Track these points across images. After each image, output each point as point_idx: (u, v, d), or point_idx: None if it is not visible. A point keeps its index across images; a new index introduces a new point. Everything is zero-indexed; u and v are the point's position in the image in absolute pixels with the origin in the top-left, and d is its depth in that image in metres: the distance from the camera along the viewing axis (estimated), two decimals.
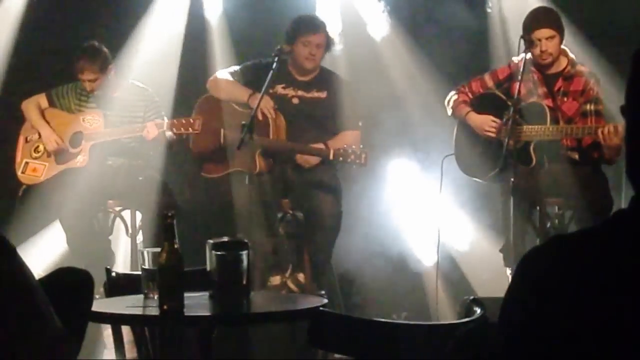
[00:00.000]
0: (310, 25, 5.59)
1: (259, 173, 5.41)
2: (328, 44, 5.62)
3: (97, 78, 5.73)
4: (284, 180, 5.50)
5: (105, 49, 5.78)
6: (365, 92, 6.00)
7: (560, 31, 5.32)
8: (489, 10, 6.54)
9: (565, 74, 5.41)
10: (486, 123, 5.42)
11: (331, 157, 5.39)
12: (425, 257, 6.09)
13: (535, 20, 5.32)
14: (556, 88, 5.40)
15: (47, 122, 5.84)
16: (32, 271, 2.32)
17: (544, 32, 5.27)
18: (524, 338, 1.37)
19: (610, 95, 5.46)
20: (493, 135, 5.35)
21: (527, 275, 1.40)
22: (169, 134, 5.70)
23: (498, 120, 5.35)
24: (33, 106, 5.89)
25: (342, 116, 5.60)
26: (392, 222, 6.13)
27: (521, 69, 5.12)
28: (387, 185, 5.78)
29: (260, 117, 5.38)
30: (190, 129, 5.56)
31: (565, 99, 5.38)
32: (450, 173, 5.67)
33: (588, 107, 5.36)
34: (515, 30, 5.41)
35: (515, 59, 5.43)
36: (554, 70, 5.42)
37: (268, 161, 5.48)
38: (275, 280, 5.41)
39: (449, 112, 5.62)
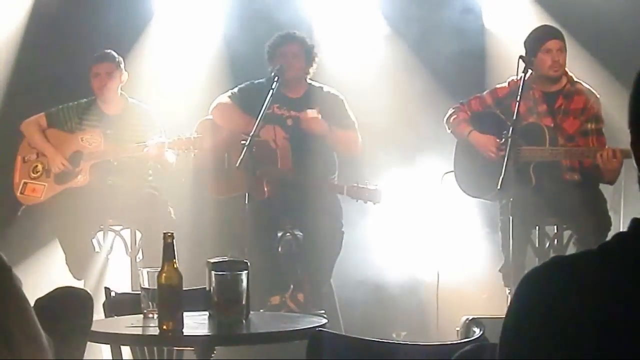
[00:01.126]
0: (283, 37, 5.64)
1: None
2: (308, 55, 5.63)
3: (111, 72, 5.75)
4: (285, 200, 5.50)
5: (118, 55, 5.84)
6: (364, 109, 6.01)
7: (566, 47, 5.37)
8: (487, 29, 6.57)
9: (566, 92, 5.42)
10: (490, 144, 5.40)
11: (344, 193, 5.42)
12: (425, 277, 6.07)
13: (546, 32, 5.39)
14: (557, 106, 5.41)
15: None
16: (32, 291, 2.33)
17: (555, 43, 5.32)
18: (523, 358, 1.37)
19: (613, 113, 5.47)
20: (495, 157, 5.33)
21: (527, 297, 1.41)
22: (169, 153, 5.72)
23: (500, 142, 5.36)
24: (34, 127, 5.89)
25: (337, 123, 5.60)
26: (392, 241, 6.12)
27: (521, 87, 5.12)
28: (388, 205, 5.77)
29: (272, 145, 5.43)
30: (191, 147, 5.58)
31: (566, 117, 5.39)
32: (450, 191, 5.68)
33: (589, 125, 5.36)
34: (515, 50, 5.42)
35: (514, 78, 5.43)
36: (554, 88, 5.43)
37: (275, 186, 5.48)
38: (275, 300, 5.40)
39: (448, 129, 5.62)
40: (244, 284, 3.24)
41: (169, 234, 3.15)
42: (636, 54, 5.71)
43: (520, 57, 5.21)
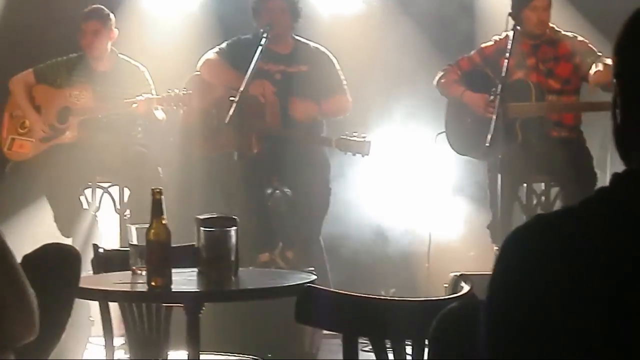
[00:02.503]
0: None
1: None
2: (293, 10, 5.60)
3: (98, 30, 5.71)
4: (273, 157, 5.49)
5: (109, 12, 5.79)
6: (354, 69, 5.97)
7: (551, 3, 5.38)
8: None
9: (548, 40, 5.42)
10: (485, 103, 5.36)
11: (333, 145, 5.40)
12: (414, 234, 6.10)
13: None
14: (543, 53, 5.42)
15: (34, 104, 5.81)
16: (19, 248, 2.32)
17: (542, 1, 5.32)
18: (509, 317, 1.38)
19: None
20: (491, 115, 5.17)
21: (511, 255, 1.41)
22: (159, 110, 5.69)
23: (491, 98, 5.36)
24: (21, 86, 5.84)
25: (327, 86, 5.58)
26: (382, 199, 6.13)
27: (509, 45, 5.12)
28: (377, 163, 5.77)
29: (261, 99, 5.40)
30: (180, 103, 5.56)
31: (557, 63, 5.40)
32: (441, 150, 5.69)
33: (589, 60, 5.35)
34: (504, 8, 5.41)
35: (497, 37, 5.45)
36: (539, 39, 5.43)
37: (262, 141, 5.47)
38: (264, 257, 5.41)
39: (440, 91, 5.62)
40: (233, 240, 3.23)
41: (158, 190, 3.14)
42: (620, 6, 5.67)
43: (510, 14, 5.22)
